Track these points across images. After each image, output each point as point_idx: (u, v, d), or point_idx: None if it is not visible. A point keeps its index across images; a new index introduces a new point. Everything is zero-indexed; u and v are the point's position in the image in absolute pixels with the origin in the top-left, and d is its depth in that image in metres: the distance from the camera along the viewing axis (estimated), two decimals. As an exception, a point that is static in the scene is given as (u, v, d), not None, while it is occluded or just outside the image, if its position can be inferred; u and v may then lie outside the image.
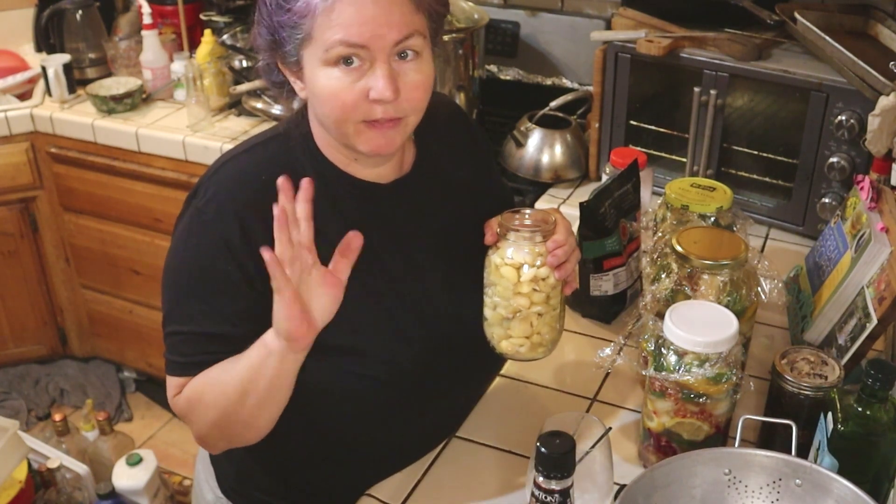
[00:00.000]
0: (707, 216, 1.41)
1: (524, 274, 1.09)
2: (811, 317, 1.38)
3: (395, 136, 1.07)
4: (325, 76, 1.02)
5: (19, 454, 1.86)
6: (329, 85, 1.02)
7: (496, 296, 1.12)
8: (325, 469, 1.26)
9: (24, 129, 2.49)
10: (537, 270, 1.09)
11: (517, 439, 1.27)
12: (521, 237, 1.09)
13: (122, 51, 2.58)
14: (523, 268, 1.09)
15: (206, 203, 1.09)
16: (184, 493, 2.34)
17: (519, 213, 1.13)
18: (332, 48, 1.00)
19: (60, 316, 2.80)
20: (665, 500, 1.00)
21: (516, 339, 1.13)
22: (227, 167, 1.13)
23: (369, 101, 1.03)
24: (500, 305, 1.12)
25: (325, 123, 1.09)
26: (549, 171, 2.07)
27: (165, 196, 2.38)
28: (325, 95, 1.04)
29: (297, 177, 1.09)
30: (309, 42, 1.02)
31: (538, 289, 1.10)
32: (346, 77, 1.02)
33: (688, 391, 1.11)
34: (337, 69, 1.02)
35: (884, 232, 1.29)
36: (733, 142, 1.86)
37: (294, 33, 1.02)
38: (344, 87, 1.02)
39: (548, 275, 1.10)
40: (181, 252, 1.12)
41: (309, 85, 1.05)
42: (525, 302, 1.10)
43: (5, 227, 2.58)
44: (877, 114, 1.47)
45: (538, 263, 1.09)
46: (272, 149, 1.14)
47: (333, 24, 0.99)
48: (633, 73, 1.90)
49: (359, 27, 0.99)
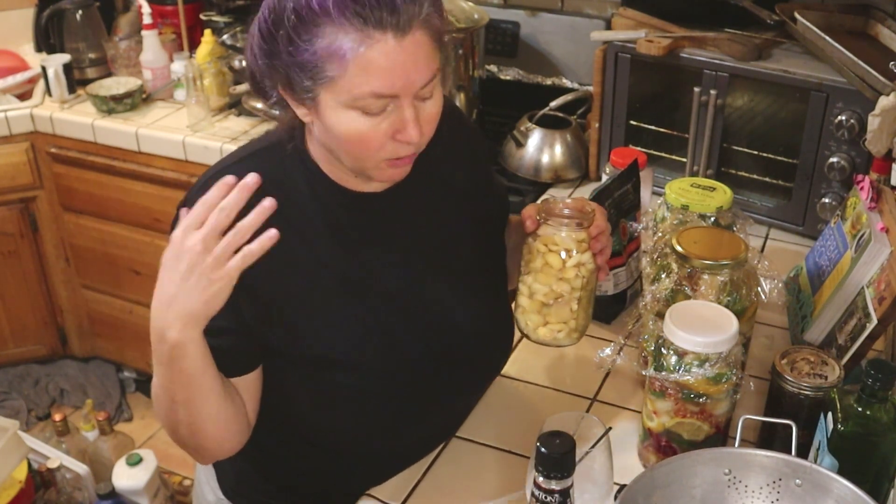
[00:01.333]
0: (707, 216, 1.41)
1: (569, 259, 1.12)
2: (811, 317, 1.38)
3: (409, 166, 1.08)
4: (348, 119, 1.00)
5: (19, 454, 1.86)
6: (353, 128, 1.00)
7: (536, 282, 1.14)
8: (323, 474, 1.25)
9: (24, 129, 2.49)
10: (581, 256, 1.12)
11: (517, 439, 1.27)
12: (564, 224, 1.12)
13: (122, 51, 2.58)
14: (564, 254, 1.12)
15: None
16: (184, 493, 2.34)
17: (557, 201, 1.16)
18: (362, 98, 0.97)
19: (60, 316, 2.80)
20: (665, 500, 1.00)
21: (555, 324, 1.15)
22: (217, 178, 1.12)
23: (394, 141, 1.02)
24: (539, 292, 1.14)
25: (338, 155, 1.07)
26: (549, 171, 2.07)
27: (165, 196, 2.38)
28: (346, 136, 1.01)
29: (286, 188, 1.08)
30: (332, 85, 0.98)
31: (580, 274, 1.13)
32: (370, 120, 1.00)
33: (688, 391, 1.11)
34: (358, 112, 0.99)
35: (884, 232, 1.29)
36: (733, 142, 1.86)
37: (316, 73, 0.98)
38: (368, 130, 1.00)
39: (589, 260, 1.13)
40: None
41: (325, 122, 1.02)
42: (567, 287, 1.13)
43: (5, 227, 2.58)
44: (877, 114, 1.47)
45: (580, 249, 1.12)
46: (262, 160, 1.11)
47: (363, 73, 0.96)
48: (633, 73, 1.90)
49: (390, 79, 0.96)
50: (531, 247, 1.14)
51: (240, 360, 1.10)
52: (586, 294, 1.15)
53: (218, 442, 1.10)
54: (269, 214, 0.96)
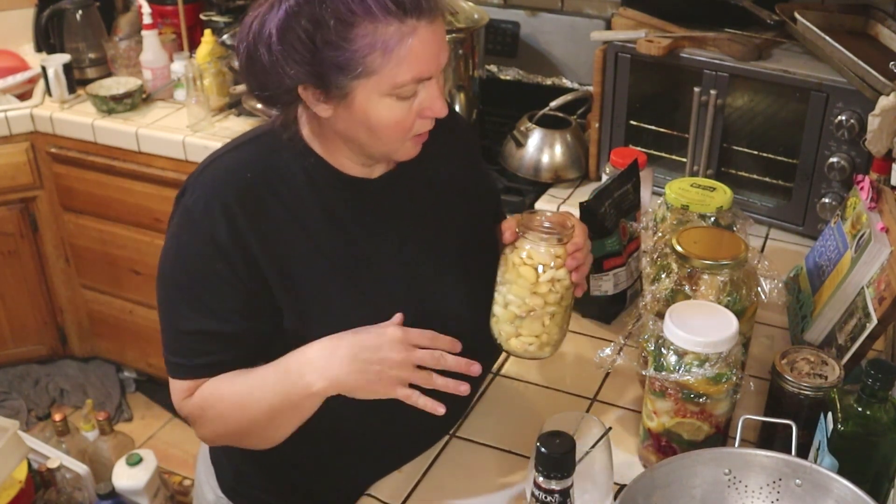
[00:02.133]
0: (707, 216, 1.41)
1: (543, 274, 1.10)
2: (811, 317, 1.38)
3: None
4: (385, 106, 1.04)
5: (19, 454, 1.86)
6: (390, 114, 1.04)
7: (510, 294, 1.13)
8: (323, 469, 1.26)
9: (24, 129, 2.49)
10: (555, 272, 1.10)
11: (517, 439, 1.27)
12: (542, 238, 1.11)
13: (122, 51, 2.58)
14: (541, 268, 1.10)
15: (194, 201, 1.10)
16: (184, 493, 2.34)
17: (539, 215, 1.14)
18: (405, 85, 1.02)
19: (60, 316, 2.80)
20: (665, 500, 1.00)
21: (526, 337, 1.14)
22: (214, 165, 1.14)
23: (421, 118, 1.07)
24: (513, 303, 1.13)
25: (363, 142, 1.09)
26: (549, 171, 2.07)
27: (165, 196, 2.38)
28: (384, 123, 1.05)
29: (281, 175, 1.11)
30: (368, 76, 1.01)
31: (554, 290, 1.11)
32: (405, 104, 1.05)
33: (688, 391, 1.11)
34: (394, 98, 1.03)
35: (884, 232, 1.29)
36: (733, 142, 1.86)
37: (356, 69, 1.00)
38: (405, 114, 1.05)
39: (564, 276, 1.11)
40: (172, 252, 1.13)
41: (359, 113, 1.05)
42: (540, 301, 1.11)
43: (5, 227, 2.58)
44: (877, 114, 1.47)
45: (556, 265, 1.10)
46: (258, 147, 1.14)
47: (405, 61, 1.00)
48: (633, 73, 1.90)
49: (428, 63, 1.02)
50: (507, 258, 1.13)
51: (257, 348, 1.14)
52: (560, 310, 1.13)
53: (275, 444, 1.17)
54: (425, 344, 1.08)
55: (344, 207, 1.14)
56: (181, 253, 1.12)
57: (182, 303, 1.12)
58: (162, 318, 1.15)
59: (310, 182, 1.12)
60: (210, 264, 1.09)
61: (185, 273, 1.12)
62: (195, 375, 1.13)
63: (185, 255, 1.12)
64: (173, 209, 1.15)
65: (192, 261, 1.11)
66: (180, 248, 1.12)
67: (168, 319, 1.14)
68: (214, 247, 1.08)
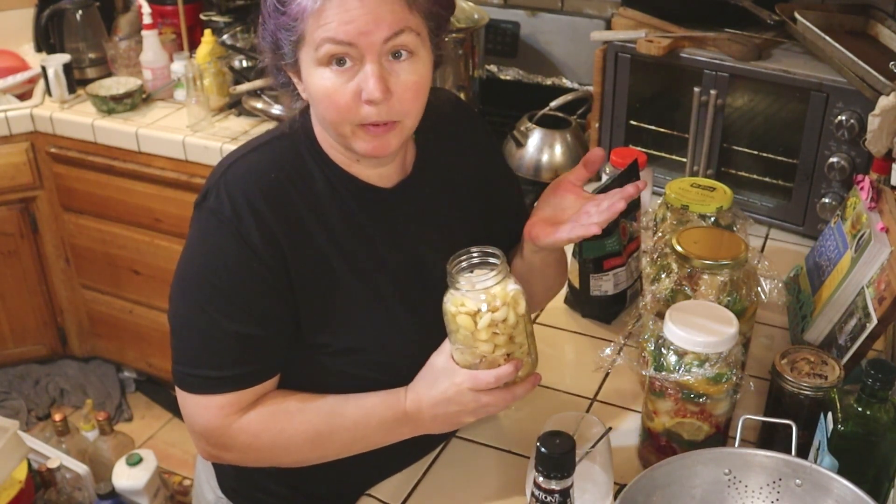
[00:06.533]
0: (707, 216, 1.41)
1: (480, 321, 1.00)
2: (811, 317, 1.38)
3: (390, 140, 1.05)
4: (319, 76, 1.02)
5: (19, 454, 1.86)
6: (322, 85, 1.02)
7: (458, 343, 1.03)
8: (324, 469, 1.25)
9: (24, 129, 2.49)
10: (492, 315, 1.00)
11: (517, 439, 1.27)
12: (472, 282, 1.00)
13: (122, 51, 2.58)
14: (479, 314, 1.00)
15: (220, 203, 1.06)
16: (184, 493, 2.34)
17: (465, 255, 1.03)
18: (321, 46, 1.00)
19: (60, 316, 2.80)
20: (665, 500, 1.00)
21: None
22: (237, 166, 1.11)
23: (362, 103, 1.02)
24: (464, 352, 1.04)
25: (324, 125, 1.09)
26: (549, 171, 2.07)
27: (165, 196, 2.38)
28: (319, 96, 1.03)
29: (305, 177, 1.11)
30: (302, 43, 1.02)
31: (499, 331, 1.01)
32: (339, 78, 1.01)
33: (688, 391, 1.11)
34: (329, 69, 1.01)
35: (884, 232, 1.29)
36: (733, 142, 1.86)
37: (289, 35, 1.02)
38: (336, 88, 1.01)
39: (505, 315, 1.01)
40: (199, 256, 1.09)
41: (306, 86, 1.05)
42: (488, 348, 1.02)
43: (5, 227, 2.58)
44: (877, 114, 1.47)
45: (491, 308, 1.00)
46: (279, 148, 1.13)
47: (322, 23, 0.99)
48: (633, 73, 1.90)
49: (345, 25, 0.98)
50: (444, 307, 1.03)
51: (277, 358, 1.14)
52: (515, 347, 1.03)
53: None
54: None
55: (361, 213, 1.13)
56: (210, 256, 1.07)
57: (219, 307, 1.07)
58: (184, 329, 1.10)
59: (328, 183, 1.11)
60: (248, 265, 1.06)
61: (221, 275, 1.07)
62: (235, 387, 1.08)
63: (214, 257, 1.07)
64: (195, 213, 1.11)
65: (222, 262, 1.06)
66: (212, 250, 1.07)
67: (195, 328, 1.08)
68: (246, 246, 1.05)
